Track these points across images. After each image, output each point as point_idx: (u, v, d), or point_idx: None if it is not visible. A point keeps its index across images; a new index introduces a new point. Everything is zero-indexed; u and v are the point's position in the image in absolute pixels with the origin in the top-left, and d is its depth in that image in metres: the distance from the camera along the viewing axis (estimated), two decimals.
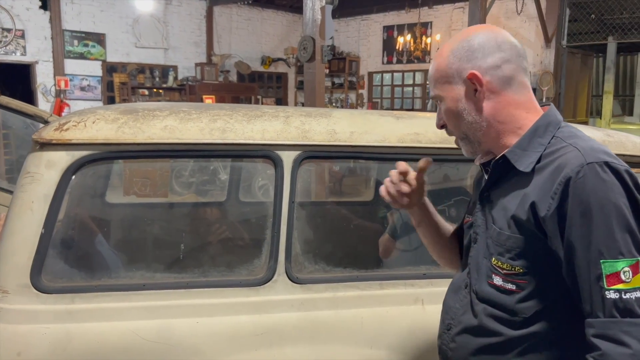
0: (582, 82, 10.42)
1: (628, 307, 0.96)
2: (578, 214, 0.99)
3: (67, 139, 1.51)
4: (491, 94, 1.13)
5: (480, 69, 1.12)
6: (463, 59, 1.13)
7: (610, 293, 0.97)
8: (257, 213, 2.49)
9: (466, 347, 1.19)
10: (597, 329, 0.98)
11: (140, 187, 2.25)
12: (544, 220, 1.04)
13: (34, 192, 1.49)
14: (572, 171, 1.01)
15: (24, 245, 1.48)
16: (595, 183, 0.99)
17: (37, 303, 1.47)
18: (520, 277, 1.09)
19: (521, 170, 1.10)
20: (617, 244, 0.97)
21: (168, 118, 1.60)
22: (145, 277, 1.64)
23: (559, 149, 1.08)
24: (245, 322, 1.59)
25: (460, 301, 1.24)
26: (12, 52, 8.89)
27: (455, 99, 1.16)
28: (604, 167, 1.00)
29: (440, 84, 1.18)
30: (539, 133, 1.12)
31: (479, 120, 1.15)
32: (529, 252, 1.07)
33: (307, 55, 6.06)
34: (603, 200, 0.98)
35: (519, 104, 1.14)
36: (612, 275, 0.97)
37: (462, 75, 1.14)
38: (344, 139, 1.70)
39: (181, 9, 11.02)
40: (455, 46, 1.15)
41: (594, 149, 1.04)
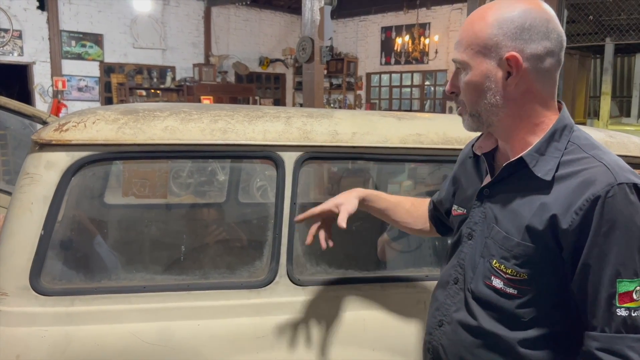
0: (580, 83, 10.45)
1: (635, 324, 0.99)
2: (602, 232, 0.99)
3: (66, 139, 1.49)
4: (523, 82, 1.06)
5: (523, 53, 1.03)
6: (508, 34, 1.03)
7: (621, 310, 0.99)
8: (258, 214, 2.48)
9: (462, 345, 1.18)
10: (602, 343, 1.00)
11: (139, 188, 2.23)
12: (564, 233, 1.02)
13: (33, 193, 1.47)
14: (602, 190, 0.99)
15: (23, 247, 1.46)
16: (624, 205, 0.99)
17: (36, 305, 1.46)
18: (523, 284, 1.08)
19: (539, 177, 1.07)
20: (635, 265, 0.99)
21: (169, 119, 1.58)
22: (145, 279, 1.63)
23: (580, 159, 1.05)
24: (247, 325, 1.57)
25: (451, 297, 1.22)
26: (10, 53, 8.86)
27: (484, 74, 1.07)
28: (632, 189, 1.00)
29: (473, 52, 1.07)
30: (556, 137, 1.08)
31: (500, 104, 1.08)
32: (538, 262, 1.07)
33: (306, 56, 6.06)
34: (629, 222, 0.99)
35: (544, 100, 1.09)
36: (625, 294, 0.99)
37: (500, 52, 1.04)
38: (345, 140, 1.69)
39: (179, 10, 11.01)
40: (504, 16, 1.04)
41: (622, 167, 1.03)
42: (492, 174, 1.18)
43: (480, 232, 1.17)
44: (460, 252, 1.22)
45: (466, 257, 1.19)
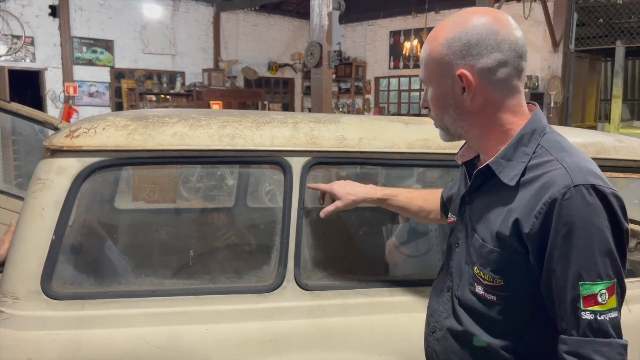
0: (591, 87, 10.38)
1: (602, 328, 0.98)
2: (561, 235, 0.99)
3: (77, 145, 1.51)
4: (480, 96, 1.08)
5: (473, 68, 1.06)
6: (457, 53, 1.06)
7: (586, 314, 0.98)
8: (266, 219, 2.49)
9: (451, 351, 1.20)
10: (570, 346, 1.00)
11: (149, 193, 2.25)
12: (527, 237, 1.03)
13: (45, 199, 1.49)
14: (558, 192, 0.99)
15: (35, 252, 1.48)
16: (580, 206, 0.98)
17: (47, 309, 1.48)
18: (500, 290, 1.09)
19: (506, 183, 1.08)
20: (597, 267, 0.98)
21: (178, 124, 1.60)
22: (155, 284, 1.64)
23: (545, 162, 1.05)
24: (254, 329, 1.58)
25: (443, 304, 1.25)
26: (22, 59, 8.97)
27: (443, 92, 1.11)
28: (590, 190, 0.99)
29: (429, 71, 1.12)
30: (524, 141, 1.08)
31: (462, 118, 1.11)
32: (510, 267, 1.08)
33: (314, 61, 6.07)
34: (587, 224, 0.98)
35: (508, 108, 1.10)
36: (589, 297, 0.98)
37: (452, 70, 1.07)
38: (352, 145, 1.69)
39: (188, 16, 11.09)
40: (452, 35, 1.07)
41: (581, 168, 1.02)
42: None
43: (464, 239, 1.19)
44: (450, 260, 1.25)
45: (454, 265, 1.22)
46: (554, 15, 9.32)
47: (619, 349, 0.98)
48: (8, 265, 1.50)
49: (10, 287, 1.48)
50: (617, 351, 0.98)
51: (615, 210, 0.99)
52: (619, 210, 1.00)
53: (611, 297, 0.98)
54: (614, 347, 0.98)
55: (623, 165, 1.95)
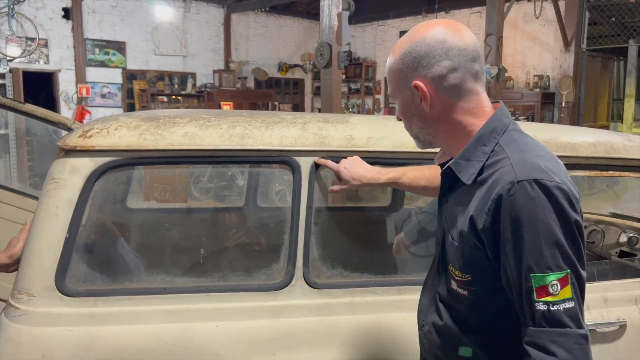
0: (603, 86, 10.29)
1: (556, 318, 1.00)
2: (509, 231, 1.03)
3: (90, 145, 1.54)
4: (438, 103, 1.13)
5: (425, 78, 1.11)
6: (409, 66, 1.13)
7: (539, 305, 1.01)
8: (275, 218, 2.51)
9: (435, 344, 1.26)
10: (529, 337, 1.03)
11: (160, 193, 2.28)
12: (482, 234, 1.08)
13: (59, 198, 1.52)
14: (503, 189, 1.03)
15: (49, 250, 1.51)
16: (524, 201, 1.01)
17: (61, 306, 1.51)
18: (470, 285, 1.14)
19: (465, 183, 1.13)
20: (546, 259, 1.01)
21: (188, 125, 1.63)
22: (166, 281, 1.67)
23: (499, 160, 1.10)
24: (264, 327, 1.60)
25: (429, 300, 1.31)
26: (36, 61, 9.08)
27: (405, 103, 1.18)
28: (532, 184, 1.02)
29: (392, 85, 1.19)
30: (483, 141, 1.13)
31: (426, 126, 1.18)
32: (474, 263, 1.12)
33: (324, 62, 6.09)
34: (532, 218, 1.01)
35: (467, 110, 1.14)
36: (541, 288, 1.01)
37: (409, 82, 1.14)
38: (361, 145, 1.71)
39: (199, 17, 11.16)
40: (404, 50, 1.14)
41: (526, 163, 1.05)
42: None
43: (442, 238, 1.24)
44: (436, 258, 1.31)
45: (438, 263, 1.28)
46: (566, 14, 9.25)
47: (577, 339, 1.00)
48: (23, 263, 1.54)
49: (25, 284, 1.51)
50: (574, 341, 1.00)
51: (560, 202, 1.02)
52: (565, 202, 1.02)
53: (564, 287, 1.01)
54: (570, 336, 1.00)
55: (633, 165, 1.94)
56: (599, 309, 1.81)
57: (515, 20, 10.27)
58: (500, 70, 7.30)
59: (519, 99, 10.09)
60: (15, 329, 1.48)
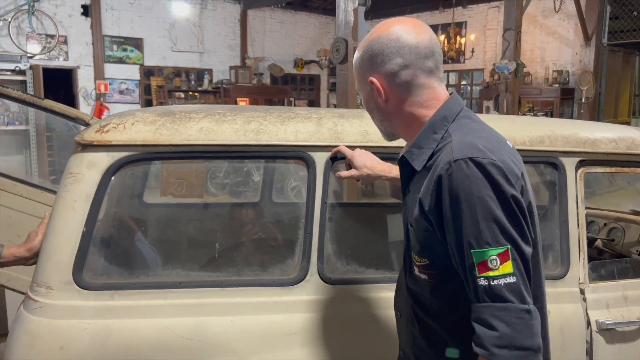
0: (624, 82, 10.10)
1: (497, 293, 1.02)
2: (449, 209, 1.06)
3: (107, 140, 1.56)
4: (392, 98, 1.20)
5: (380, 74, 1.19)
6: (365, 63, 1.21)
7: (480, 280, 1.03)
8: (290, 214, 2.51)
9: (407, 335, 1.29)
10: (474, 313, 1.05)
11: (176, 188, 2.29)
12: (429, 214, 1.11)
13: (76, 192, 1.54)
14: (442, 169, 1.08)
15: (67, 243, 1.53)
16: (460, 179, 1.05)
17: (78, 299, 1.53)
18: (428, 269, 1.17)
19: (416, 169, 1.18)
20: (483, 234, 1.03)
21: (204, 120, 1.63)
22: (182, 276, 1.68)
23: (446, 145, 1.14)
24: (278, 321, 1.60)
25: (401, 291, 1.34)
26: (56, 58, 9.21)
27: (366, 98, 1.25)
28: (468, 162, 1.05)
29: (357, 80, 1.27)
30: (434, 129, 1.18)
31: (385, 118, 1.25)
32: (429, 246, 1.15)
33: (340, 57, 6.07)
34: (468, 195, 1.04)
35: (419, 103, 1.19)
36: (481, 263, 1.03)
37: (366, 78, 1.22)
38: (376, 140, 1.70)
39: (216, 13, 11.20)
40: (364, 48, 1.21)
41: (464, 144, 1.09)
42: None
43: (405, 229, 1.27)
44: (404, 249, 1.34)
45: (405, 254, 1.31)
46: (586, 8, 9.10)
47: (518, 313, 1.01)
48: (42, 256, 1.56)
49: (43, 277, 1.53)
50: (515, 315, 1.01)
51: (495, 178, 1.04)
52: (500, 178, 1.04)
53: (504, 262, 1.02)
54: (511, 311, 1.01)
55: None
56: (619, 308, 1.78)
57: (534, 15, 10.13)
58: (518, 66, 7.21)
59: (538, 95, 9.96)
60: (33, 321, 1.51)
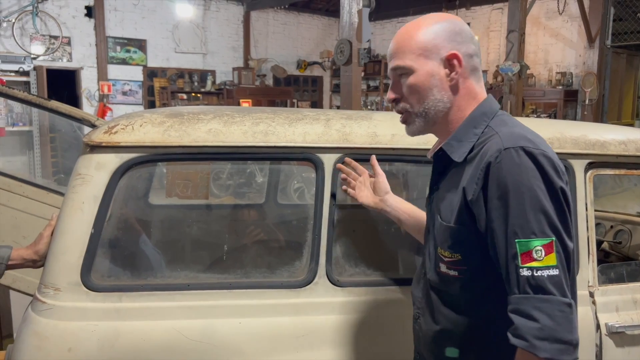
0: (628, 83, 10.07)
1: (540, 285, 1.01)
2: (496, 196, 1.06)
3: (115, 141, 1.55)
4: (462, 78, 1.19)
5: (460, 52, 1.18)
6: (445, 37, 1.18)
7: (523, 270, 1.02)
8: (297, 215, 2.50)
9: (428, 334, 1.26)
10: (512, 304, 1.04)
11: (182, 189, 2.29)
12: (472, 204, 1.10)
13: (85, 193, 1.54)
14: (491, 156, 1.08)
15: (75, 245, 1.53)
16: (510, 167, 1.05)
17: (86, 301, 1.52)
18: (460, 264, 1.15)
19: (456, 161, 1.17)
20: (530, 224, 1.02)
21: (212, 121, 1.63)
22: (189, 278, 1.67)
23: (488, 137, 1.14)
24: (287, 324, 1.60)
25: (421, 290, 1.31)
26: (59, 59, 9.22)
27: (429, 74, 1.18)
28: (519, 151, 1.05)
29: (414, 56, 1.19)
30: (474, 123, 1.18)
31: (445, 99, 1.20)
32: (465, 240, 1.14)
33: (344, 59, 6.07)
34: (517, 184, 1.03)
35: (473, 93, 1.21)
36: (526, 253, 1.02)
37: (441, 52, 1.18)
38: (385, 142, 1.69)
39: (219, 15, 11.21)
40: (435, 25, 1.19)
41: (514, 134, 1.10)
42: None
43: (431, 225, 1.26)
44: (424, 247, 1.32)
45: (427, 251, 1.28)
46: (590, 10, 9.08)
47: (560, 306, 1.00)
48: (50, 258, 1.55)
49: (51, 278, 1.53)
50: (557, 308, 1.00)
51: (546, 169, 1.04)
52: (550, 170, 1.05)
53: (549, 254, 1.02)
54: (553, 303, 1.00)
55: None
56: (628, 311, 1.77)
57: (537, 17, 10.11)
58: (522, 67, 7.19)
59: (541, 97, 9.93)
60: (42, 323, 1.50)
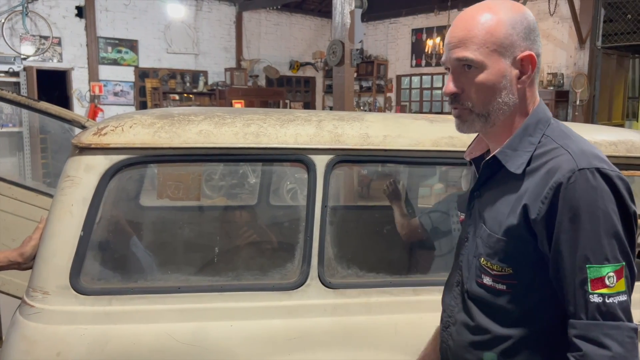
0: (618, 84, 10.14)
1: (611, 311, 0.98)
2: (567, 219, 1.00)
3: (105, 143, 1.54)
4: (529, 80, 1.10)
5: (534, 53, 1.08)
6: (521, 35, 1.06)
7: (594, 297, 0.99)
8: (289, 217, 2.50)
9: (461, 344, 1.22)
10: (579, 330, 1.00)
11: (173, 191, 2.27)
12: (535, 223, 1.05)
13: (74, 196, 1.52)
14: (563, 176, 1.01)
15: (64, 248, 1.51)
16: (585, 189, 0.99)
17: (76, 304, 1.50)
18: (510, 278, 1.11)
19: (512, 172, 1.10)
20: (604, 249, 0.99)
21: (203, 122, 1.61)
22: (181, 280, 1.66)
23: (550, 150, 1.08)
24: (279, 326, 1.59)
25: (454, 299, 1.26)
26: (50, 59, 9.15)
27: (501, 73, 1.07)
28: (595, 173, 1.00)
29: (489, 50, 1.06)
30: (529, 131, 1.11)
31: (511, 104, 1.09)
32: (519, 255, 1.09)
33: (337, 59, 6.06)
34: (592, 207, 0.99)
35: (535, 97, 1.13)
36: (597, 279, 0.99)
37: (515, 52, 1.06)
38: (377, 143, 1.68)
39: (211, 15, 11.17)
40: (514, 16, 1.06)
41: (585, 152, 1.04)
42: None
43: (472, 233, 1.20)
44: (460, 255, 1.27)
45: (463, 259, 1.23)
46: (580, 11, 9.14)
47: (629, 332, 0.98)
48: (38, 261, 1.53)
49: (40, 281, 1.51)
50: (626, 334, 0.98)
51: (621, 192, 1.00)
52: (625, 193, 1.01)
53: (619, 280, 0.99)
54: (623, 330, 0.98)
55: None
56: None
57: None
58: None
59: None
60: (30, 327, 1.48)
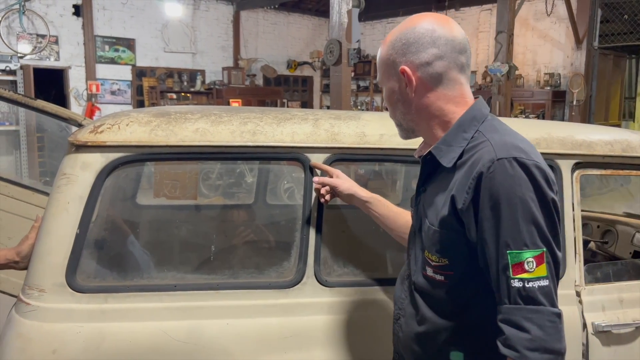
0: (615, 84, 10.18)
1: (531, 295, 1.02)
2: (488, 207, 1.05)
3: (101, 141, 1.54)
4: (422, 89, 1.17)
5: (412, 64, 1.16)
6: (399, 52, 1.17)
7: (514, 282, 1.03)
8: (286, 215, 2.50)
9: (409, 335, 1.27)
10: (503, 314, 1.05)
11: (170, 189, 2.27)
12: (462, 212, 1.10)
13: (70, 193, 1.52)
14: (484, 166, 1.06)
15: (60, 245, 1.51)
16: (503, 178, 1.04)
17: (72, 302, 1.50)
18: (446, 269, 1.16)
19: (445, 166, 1.15)
20: (522, 235, 1.03)
21: (199, 121, 1.61)
22: (176, 278, 1.66)
23: (479, 143, 1.13)
24: (274, 325, 1.59)
25: (404, 291, 1.31)
26: (47, 58, 9.13)
27: (391, 89, 1.21)
28: (512, 162, 1.05)
29: (381, 72, 1.23)
30: (464, 128, 1.16)
31: (410, 112, 1.21)
32: (452, 245, 1.14)
33: (334, 59, 6.06)
34: (510, 194, 1.03)
35: (449, 98, 1.18)
36: (517, 265, 1.03)
37: (396, 68, 1.18)
38: (373, 142, 1.69)
39: (209, 14, 11.17)
40: (395, 37, 1.18)
41: (507, 144, 1.09)
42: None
43: (418, 227, 1.25)
44: (409, 249, 1.32)
45: (412, 252, 1.29)
46: (577, 11, 9.17)
47: (550, 317, 1.02)
48: (34, 258, 1.53)
49: (36, 279, 1.51)
50: (547, 318, 1.01)
51: (538, 180, 1.04)
52: (542, 181, 1.05)
53: (540, 265, 1.02)
54: (543, 314, 1.01)
55: None
56: (614, 310, 1.79)
57: (526, 18, 10.18)
58: (510, 68, 7.23)
59: (530, 97, 10.01)
60: (26, 325, 1.48)
